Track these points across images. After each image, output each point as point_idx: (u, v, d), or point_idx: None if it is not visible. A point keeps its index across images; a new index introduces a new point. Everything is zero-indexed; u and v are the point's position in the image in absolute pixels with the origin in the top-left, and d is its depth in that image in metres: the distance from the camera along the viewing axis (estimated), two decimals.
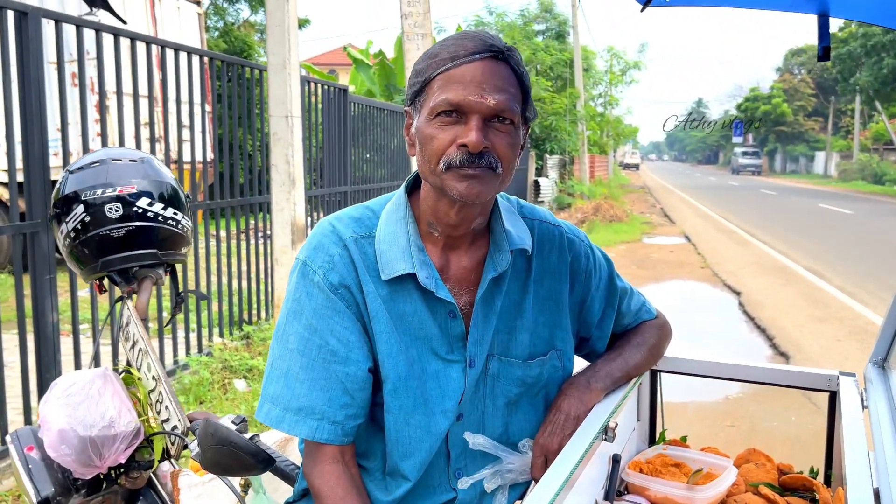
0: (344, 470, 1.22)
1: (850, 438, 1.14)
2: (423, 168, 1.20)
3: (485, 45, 1.14)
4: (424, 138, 1.17)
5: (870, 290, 8.58)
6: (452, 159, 1.14)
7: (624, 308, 1.49)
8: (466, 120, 1.14)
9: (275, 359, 1.24)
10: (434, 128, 1.15)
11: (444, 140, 1.14)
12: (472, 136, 1.12)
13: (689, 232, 14.81)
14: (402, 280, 1.24)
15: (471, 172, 1.14)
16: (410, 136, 1.24)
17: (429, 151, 1.16)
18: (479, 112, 1.13)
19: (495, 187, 1.18)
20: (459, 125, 1.14)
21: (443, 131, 1.15)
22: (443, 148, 1.15)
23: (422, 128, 1.18)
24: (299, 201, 5.44)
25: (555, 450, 1.27)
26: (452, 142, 1.14)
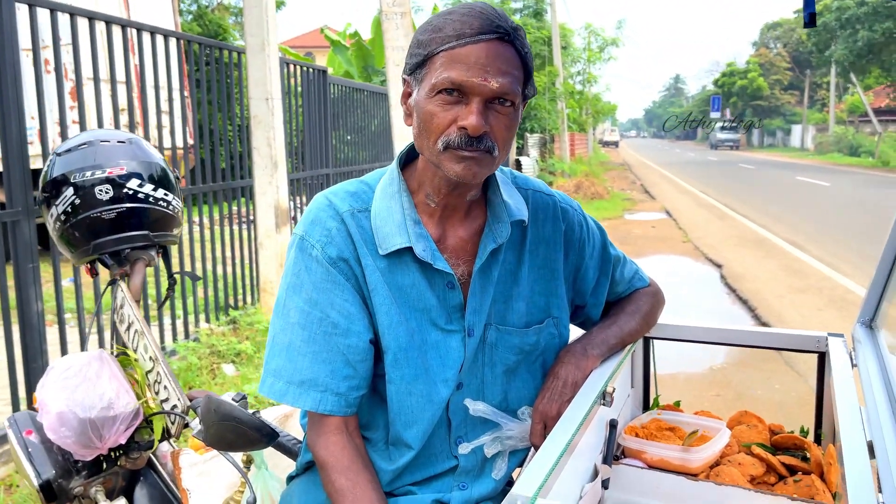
0: (348, 440, 1.24)
1: (842, 396, 1.17)
2: (421, 143, 1.20)
3: (492, 25, 1.13)
4: (424, 114, 1.17)
5: (848, 259, 8.72)
6: (451, 140, 1.14)
7: (617, 276, 1.51)
8: (468, 101, 1.14)
9: (276, 333, 1.25)
10: (434, 105, 1.15)
11: (445, 119, 1.14)
12: (472, 119, 1.12)
13: (669, 207, 14.92)
14: (399, 253, 1.24)
15: (468, 154, 1.14)
16: (408, 107, 1.24)
17: (428, 129, 1.16)
18: (482, 94, 1.13)
19: (491, 167, 1.19)
20: (460, 105, 1.14)
21: (443, 110, 1.14)
22: (442, 127, 1.15)
23: (421, 103, 1.17)
24: (282, 184, 5.41)
25: (554, 416, 1.29)
26: (452, 122, 1.14)
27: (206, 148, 5.18)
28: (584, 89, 29.38)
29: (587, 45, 29.33)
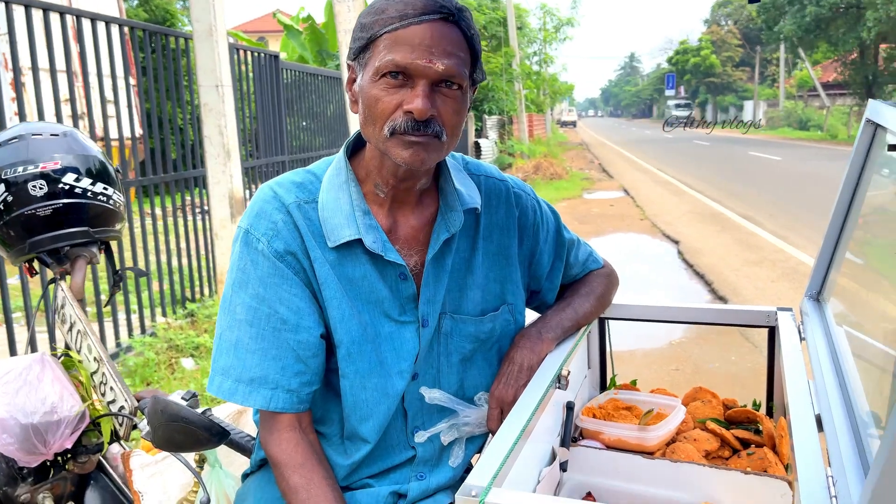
0: (302, 437, 1.21)
1: (791, 369, 1.19)
2: (367, 129, 1.17)
3: (435, 4, 1.10)
4: (369, 99, 1.14)
5: (800, 231, 8.94)
6: (397, 125, 1.11)
7: (572, 259, 1.50)
8: (413, 84, 1.11)
9: (223, 331, 1.21)
10: (379, 89, 1.12)
11: (390, 104, 1.12)
12: (418, 102, 1.09)
13: (627, 186, 15.09)
14: (349, 245, 1.21)
15: (415, 140, 1.12)
16: (353, 93, 1.21)
17: (373, 114, 1.13)
18: (427, 77, 1.10)
19: (440, 154, 1.16)
20: (405, 88, 1.11)
21: (388, 94, 1.12)
22: (388, 112, 1.12)
23: (366, 87, 1.14)
24: (236, 173, 5.30)
25: (510, 401, 1.28)
26: (398, 106, 1.11)
27: (157, 138, 5.04)
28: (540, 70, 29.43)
29: (543, 26, 29.35)
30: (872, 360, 1.07)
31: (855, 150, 1.33)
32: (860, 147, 1.32)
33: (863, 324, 1.20)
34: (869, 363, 1.08)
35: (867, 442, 0.91)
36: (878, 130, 1.29)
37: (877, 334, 1.11)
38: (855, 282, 1.31)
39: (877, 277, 1.23)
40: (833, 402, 1.04)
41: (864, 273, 1.28)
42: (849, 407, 1.03)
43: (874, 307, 1.20)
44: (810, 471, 0.89)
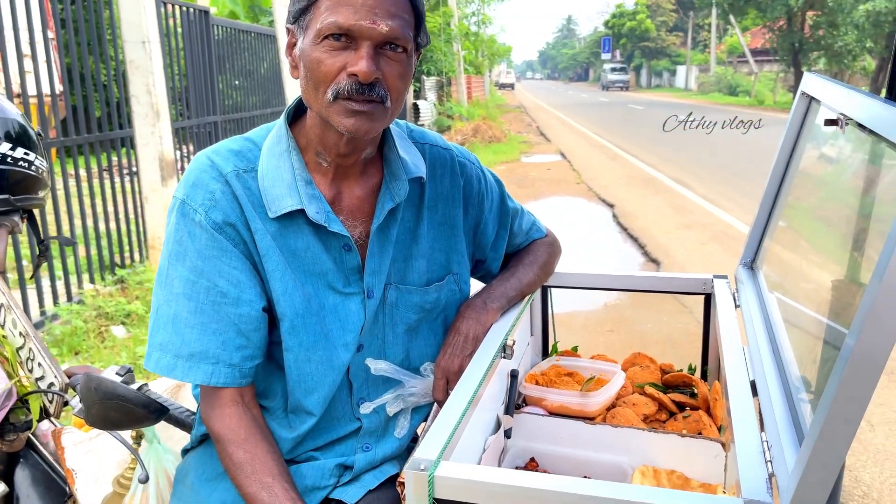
0: (245, 411, 1.19)
1: (726, 336, 1.23)
2: (308, 95, 1.13)
3: None
4: (310, 63, 1.09)
5: (728, 195, 9.24)
6: (341, 88, 1.08)
7: (516, 228, 1.51)
8: (357, 46, 1.07)
9: (160, 305, 1.17)
10: (321, 52, 1.08)
11: (333, 67, 1.08)
12: (362, 64, 1.06)
13: (564, 149, 15.25)
14: (291, 215, 1.18)
15: (358, 108, 1.08)
16: (293, 58, 1.16)
17: (315, 78, 1.09)
18: (371, 38, 1.07)
19: (385, 121, 1.13)
20: (349, 51, 1.08)
21: (331, 56, 1.08)
22: (331, 75, 1.08)
23: (307, 51, 1.10)
24: (165, 134, 5.10)
25: (456, 371, 1.29)
26: (342, 69, 1.08)
27: (78, 95, 4.77)
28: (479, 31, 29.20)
29: None
30: (803, 326, 1.11)
31: (790, 121, 1.37)
32: (795, 119, 1.36)
33: (794, 291, 1.25)
34: (800, 329, 1.12)
35: (800, 407, 0.95)
36: (813, 103, 1.32)
37: (806, 301, 1.15)
38: (787, 250, 1.36)
39: (807, 246, 1.28)
40: (767, 367, 1.08)
41: (796, 242, 1.33)
42: (782, 372, 1.07)
43: (804, 275, 1.24)
44: (747, 435, 0.92)
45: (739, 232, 7.27)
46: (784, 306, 1.25)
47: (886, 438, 3.17)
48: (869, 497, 2.75)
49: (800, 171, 1.33)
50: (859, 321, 0.70)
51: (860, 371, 0.70)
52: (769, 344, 1.16)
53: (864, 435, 3.19)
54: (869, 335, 0.69)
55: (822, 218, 1.22)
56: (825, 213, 1.20)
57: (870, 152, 0.96)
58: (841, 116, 1.01)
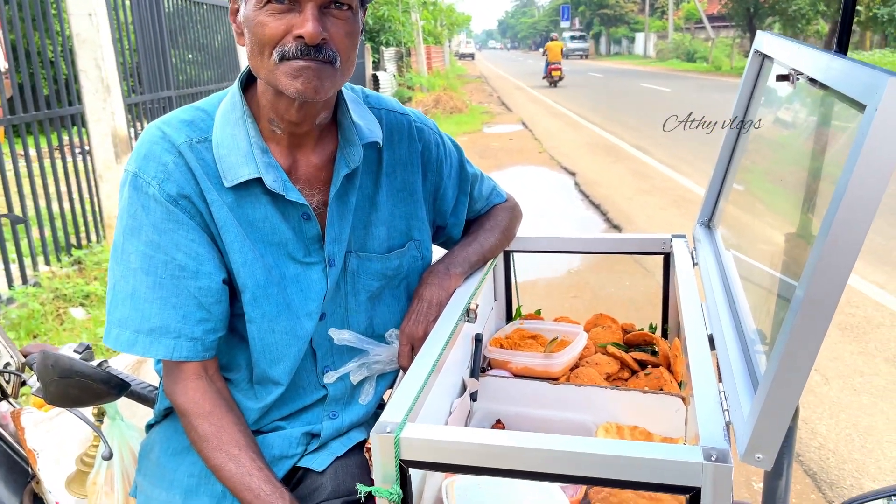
0: (209, 384, 1.18)
1: (685, 293, 1.25)
2: (254, 61, 1.11)
3: None
4: (254, 27, 1.07)
5: (687, 160, 9.37)
6: (287, 50, 1.05)
7: (476, 193, 1.50)
8: (300, 8, 1.05)
9: (116, 281, 1.14)
10: (265, 15, 1.06)
11: (277, 29, 1.05)
12: (308, 26, 1.04)
13: (525, 119, 15.26)
14: (247, 185, 1.16)
15: (304, 64, 1.06)
16: (238, 25, 1.13)
17: (260, 42, 1.07)
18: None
19: (335, 82, 1.11)
20: (293, 13, 1.05)
21: (275, 19, 1.05)
22: (276, 38, 1.06)
23: (250, 16, 1.07)
24: (117, 109, 4.96)
25: (421, 336, 1.29)
26: (287, 32, 1.05)
27: (24, 72, 4.60)
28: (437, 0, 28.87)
29: None
30: (757, 280, 1.14)
31: (743, 80, 1.38)
32: (748, 77, 1.38)
33: (749, 248, 1.27)
34: (755, 284, 1.15)
35: (755, 358, 0.97)
36: (766, 61, 1.34)
37: (761, 257, 1.18)
38: (742, 209, 1.38)
39: (761, 204, 1.30)
40: (724, 322, 1.11)
41: (751, 200, 1.36)
42: (738, 326, 1.10)
43: (759, 232, 1.27)
44: (704, 387, 0.94)
45: (697, 195, 7.38)
46: (740, 263, 1.28)
47: (841, 391, 3.28)
48: (825, 448, 2.85)
49: (754, 129, 1.35)
50: (809, 272, 0.72)
51: (810, 319, 0.72)
52: (726, 299, 1.19)
53: (820, 388, 3.30)
54: (818, 284, 0.70)
55: (775, 175, 1.24)
56: (779, 171, 1.22)
57: (820, 106, 0.98)
58: (792, 71, 1.03)
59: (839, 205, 0.69)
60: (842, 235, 0.69)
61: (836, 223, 0.69)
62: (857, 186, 0.68)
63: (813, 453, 2.82)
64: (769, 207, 1.24)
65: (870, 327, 3.99)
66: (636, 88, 22.05)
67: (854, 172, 0.68)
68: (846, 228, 0.69)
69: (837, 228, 0.69)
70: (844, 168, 0.70)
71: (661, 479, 0.81)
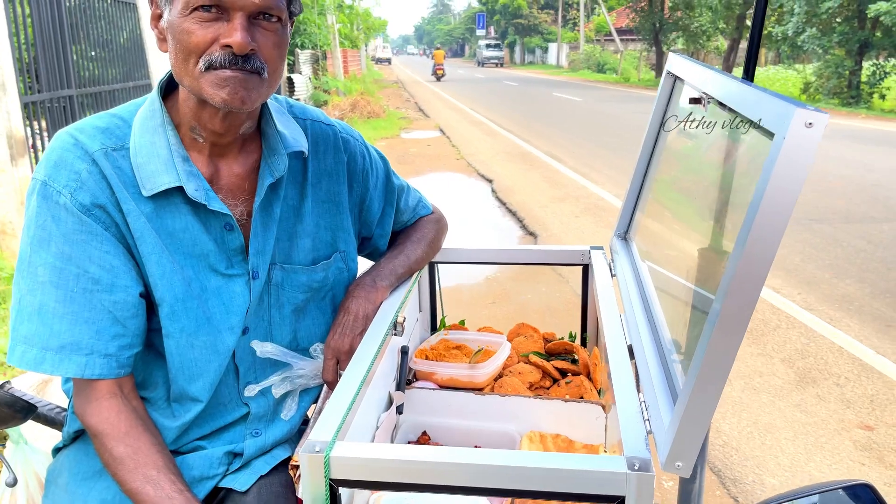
0: (124, 403, 1.13)
1: (604, 304, 1.30)
2: (178, 68, 1.07)
3: None
4: (179, 34, 1.04)
5: (598, 169, 9.68)
6: (214, 59, 1.03)
7: (402, 205, 1.51)
8: (229, 17, 1.03)
9: (23, 295, 1.08)
10: (191, 23, 1.03)
11: (204, 38, 1.03)
12: (237, 36, 1.02)
13: (443, 125, 15.37)
14: (167, 194, 1.12)
15: (231, 74, 1.04)
16: (160, 30, 1.09)
17: (185, 49, 1.04)
18: (244, 9, 1.03)
19: (262, 93, 1.09)
20: (221, 22, 1.03)
21: (202, 28, 1.03)
22: (202, 46, 1.03)
23: (175, 23, 1.04)
24: (13, 109, 4.68)
25: (347, 350, 1.28)
26: (214, 40, 1.03)
27: None
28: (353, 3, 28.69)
29: None
30: (673, 292, 1.19)
31: (657, 99, 1.45)
32: (661, 97, 1.44)
33: (663, 260, 1.33)
34: (670, 295, 1.20)
35: (672, 368, 1.02)
36: (678, 82, 1.41)
37: (675, 269, 1.24)
38: (656, 222, 1.45)
39: (673, 218, 1.37)
40: (643, 332, 1.16)
41: (664, 214, 1.42)
42: (656, 336, 1.14)
43: (672, 245, 1.33)
44: (625, 397, 0.98)
45: (608, 203, 7.64)
46: (655, 274, 1.34)
47: (742, 391, 3.47)
48: (728, 446, 3.01)
49: (666, 146, 1.42)
50: (724, 286, 0.76)
51: (725, 334, 0.76)
52: (643, 310, 1.24)
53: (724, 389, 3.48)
54: (732, 301, 0.75)
55: (686, 191, 1.31)
56: (689, 187, 1.28)
57: (728, 128, 1.04)
58: (703, 95, 1.08)
59: (752, 225, 0.73)
60: (754, 254, 0.73)
61: (749, 242, 0.73)
62: (768, 207, 0.73)
63: (718, 451, 2.96)
64: (682, 222, 1.30)
65: (767, 329, 4.23)
66: (550, 98, 22.60)
67: (765, 194, 0.72)
68: (758, 247, 0.73)
69: (750, 247, 0.73)
70: (756, 190, 0.74)
71: (586, 490, 0.83)
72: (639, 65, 32.46)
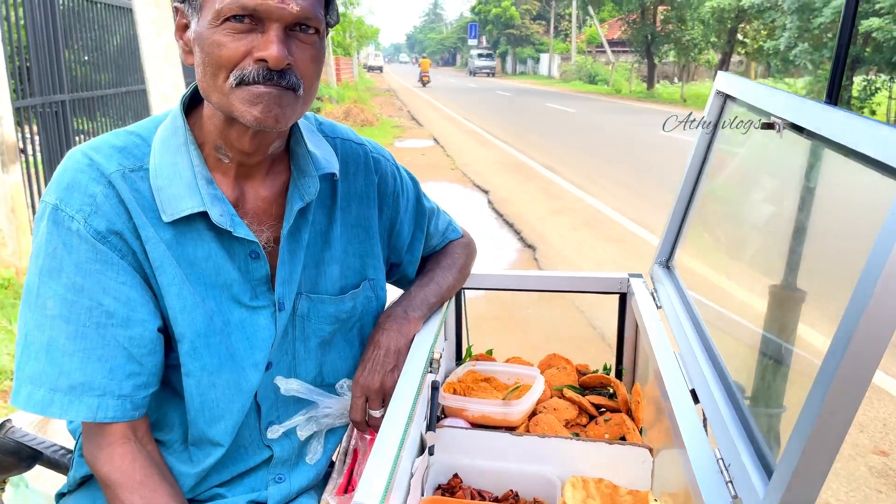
0: (139, 449, 1.02)
1: (656, 340, 1.20)
2: (206, 83, 0.98)
3: None
4: (209, 47, 0.94)
5: (595, 181, 9.62)
6: (247, 74, 0.94)
7: (432, 229, 1.42)
8: (264, 28, 0.94)
9: (30, 330, 0.98)
10: (222, 35, 0.93)
11: (237, 51, 0.93)
12: (273, 49, 0.92)
13: (436, 134, 15.29)
14: (189, 220, 1.03)
15: (264, 90, 0.95)
16: (185, 42, 1.00)
17: (215, 63, 0.94)
18: (281, 20, 0.94)
19: (297, 111, 1.00)
20: (255, 33, 0.94)
21: (234, 40, 0.93)
22: (234, 60, 0.94)
23: (204, 34, 0.95)
24: (5, 113, 4.56)
25: (377, 388, 1.18)
26: (247, 54, 0.94)
27: None
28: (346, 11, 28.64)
29: None
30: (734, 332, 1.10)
31: (705, 119, 1.36)
32: (709, 118, 1.36)
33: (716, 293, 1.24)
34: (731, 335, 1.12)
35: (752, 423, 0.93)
36: (728, 102, 1.33)
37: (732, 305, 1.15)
38: (707, 251, 1.36)
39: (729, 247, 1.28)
40: (707, 377, 1.06)
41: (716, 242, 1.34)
42: (724, 383, 1.05)
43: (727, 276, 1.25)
44: (699, 451, 0.89)
45: (606, 217, 7.57)
46: (709, 309, 1.25)
47: None
48: None
49: (721, 170, 1.33)
50: (843, 344, 0.67)
51: (843, 398, 0.67)
52: (703, 349, 1.14)
53: None
54: (854, 360, 0.66)
55: (748, 220, 1.22)
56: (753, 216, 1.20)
57: (808, 156, 0.95)
58: (779, 121, 1.00)
59: (878, 276, 0.64)
60: (880, 310, 0.65)
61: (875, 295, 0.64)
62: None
63: None
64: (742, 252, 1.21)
65: None
66: (543, 108, 22.59)
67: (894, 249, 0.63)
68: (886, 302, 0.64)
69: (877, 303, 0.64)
70: (880, 238, 0.66)
71: None
72: (630, 76, 32.57)
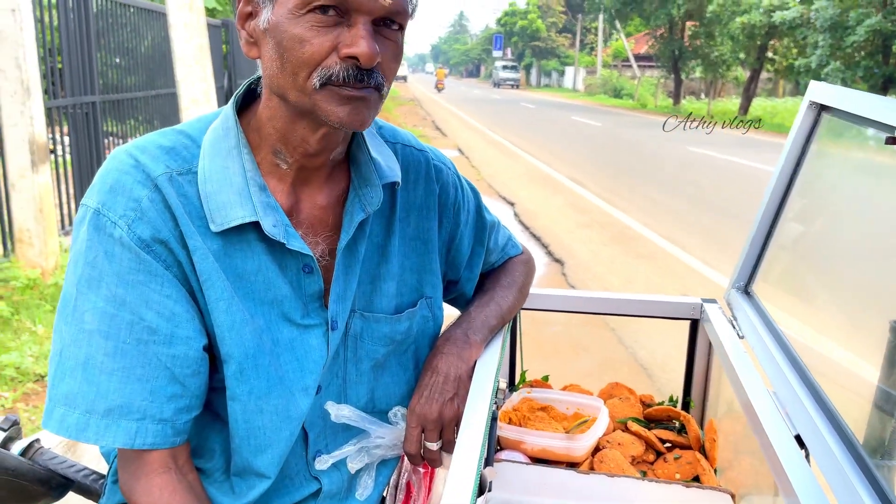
0: (179, 479, 0.93)
1: (744, 375, 1.08)
2: (283, 80, 0.88)
3: None
4: (289, 41, 0.85)
5: (623, 195, 9.47)
6: (335, 73, 0.85)
7: (492, 244, 1.31)
8: (350, 21, 0.85)
9: (65, 345, 0.88)
10: (304, 28, 0.84)
11: (322, 46, 0.84)
12: (363, 45, 0.84)
13: (461, 145, 15.22)
14: (239, 230, 0.93)
15: (354, 94, 0.86)
16: (251, 32, 0.91)
17: (296, 59, 0.85)
18: (371, 13, 0.85)
19: (377, 111, 0.92)
20: (340, 28, 0.85)
21: (317, 34, 0.84)
22: (318, 57, 0.85)
23: (283, 25, 0.85)
24: (37, 114, 4.53)
25: (434, 419, 1.07)
26: (332, 49, 0.85)
27: None
28: None
29: None
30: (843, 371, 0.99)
31: (795, 133, 1.25)
32: (801, 131, 1.24)
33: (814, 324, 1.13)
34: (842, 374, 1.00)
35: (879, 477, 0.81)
36: (823, 114, 1.21)
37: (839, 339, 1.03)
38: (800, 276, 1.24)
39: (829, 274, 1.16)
40: (818, 423, 0.94)
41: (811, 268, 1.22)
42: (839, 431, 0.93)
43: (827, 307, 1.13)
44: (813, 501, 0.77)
45: (636, 233, 7.42)
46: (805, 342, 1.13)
47: None
48: None
49: (812, 188, 1.21)
50: None
51: None
52: (805, 390, 1.03)
53: None
54: None
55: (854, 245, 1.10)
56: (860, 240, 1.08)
57: None
58: None
59: None
60: None
61: None
62: None
63: None
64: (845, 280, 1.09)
65: None
66: (568, 121, 22.47)
67: None
68: None
69: None
70: None
71: None
72: (656, 91, 32.35)
